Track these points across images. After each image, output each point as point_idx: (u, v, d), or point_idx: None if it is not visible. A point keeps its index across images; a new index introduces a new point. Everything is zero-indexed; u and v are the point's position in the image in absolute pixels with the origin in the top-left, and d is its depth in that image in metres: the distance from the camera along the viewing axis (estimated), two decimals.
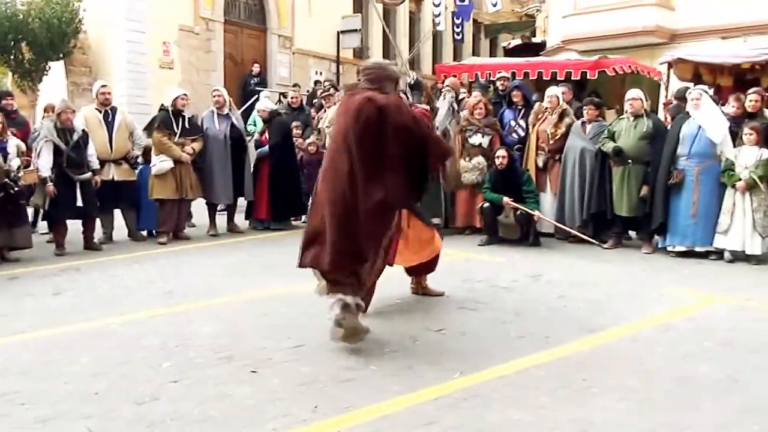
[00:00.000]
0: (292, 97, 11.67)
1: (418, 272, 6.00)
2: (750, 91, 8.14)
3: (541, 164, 8.98)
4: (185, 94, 9.18)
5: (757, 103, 7.91)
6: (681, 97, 9.48)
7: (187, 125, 8.95)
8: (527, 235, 8.42)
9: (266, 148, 9.56)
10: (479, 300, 5.93)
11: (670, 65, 11.52)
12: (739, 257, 7.51)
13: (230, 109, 9.58)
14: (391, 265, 5.41)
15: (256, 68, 17.59)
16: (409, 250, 5.67)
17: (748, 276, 6.96)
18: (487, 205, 8.51)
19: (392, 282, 5.93)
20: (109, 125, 8.69)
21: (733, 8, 16.35)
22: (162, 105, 9.11)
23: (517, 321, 5.30)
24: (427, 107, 7.17)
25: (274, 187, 9.57)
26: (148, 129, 9.03)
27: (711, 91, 8.82)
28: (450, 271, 7.13)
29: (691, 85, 10.77)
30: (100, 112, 8.77)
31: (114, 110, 8.85)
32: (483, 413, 3.62)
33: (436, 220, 9.25)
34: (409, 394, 3.87)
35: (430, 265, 5.96)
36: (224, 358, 4.47)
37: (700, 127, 7.64)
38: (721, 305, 5.84)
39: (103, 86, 9.09)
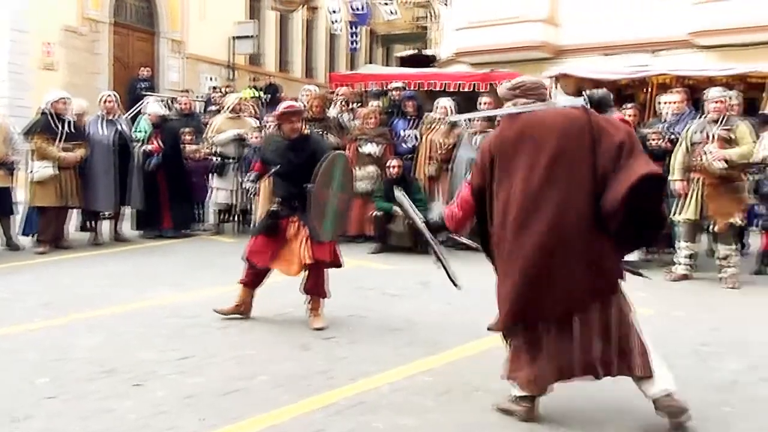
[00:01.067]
0: (183, 103, 11.41)
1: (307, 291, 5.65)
2: (627, 106, 8.59)
3: (432, 173, 9.15)
4: (68, 98, 8.78)
5: (634, 117, 8.35)
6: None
7: (72, 130, 8.57)
8: (418, 243, 8.54)
9: (158, 157, 9.26)
10: (370, 307, 5.99)
11: (555, 79, 12.01)
12: None
13: (116, 116, 9.24)
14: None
15: (145, 72, 17.06)
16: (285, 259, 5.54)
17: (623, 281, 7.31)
18: (379, 213, 8.60)
19: (282, 290, 5.91)
20: None
21: (613, 27, 17.24)
22: (41, 108, 8.66)
23: (406, 328, 5.38)
24: None
25: (172, 195, 9.37)
26: (28, 132, 8.53)
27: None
28: (341, 278, 7.14)
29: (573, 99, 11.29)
30: None
31: None
32: (371, 420, 3.65)
33: None
34: (298, 402, 3.86)
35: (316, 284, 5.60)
36: (106, 371, 4.31)
37: None
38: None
39: None
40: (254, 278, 5.66)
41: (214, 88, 17.00)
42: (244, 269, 5.63)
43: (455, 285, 4.27)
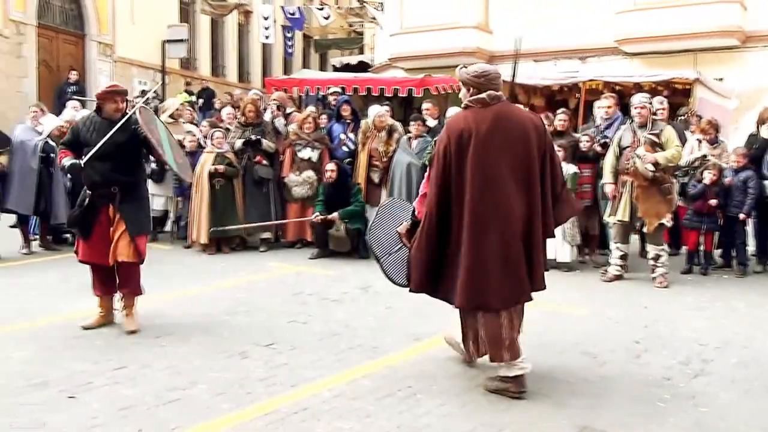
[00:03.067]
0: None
1: (126, 285, 5.48)
2: (559, 111, 8.79)
3: (377, 180, 9.15)
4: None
5: (565, 122, 8.55)
6: None
7: None
8: (357, 248, 8.57)
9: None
10: (310, 313, 5.96)
11: None
12: (551, 265, 8.03)
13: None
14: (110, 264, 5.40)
15: (73, 76, 16.61)
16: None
17: (559, 282, 7.45)
18: (318, 218, 8.57)
19: (215, 297, 5.83)
20: None
21: (544, 34, 17.60)
22: None
23: (346, 332, 5.37)
24: None
25: None
26: None
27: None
28: (281, 284, 7.13)
29: None
30: None
31: None
32: (312, 426, 3.64)
33: (266, 234, 9.26)
34: (237, 411, 3.82)
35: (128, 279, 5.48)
36: (38, 384, 4.19)
37: None
38: (534, 310, 6.21)
39: None
40: (103, 280, 5.47)
41: (143, 91, 16.67)
42: (91, 279, 5.52)
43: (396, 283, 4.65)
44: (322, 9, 22.15)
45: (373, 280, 7.20)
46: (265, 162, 9.13)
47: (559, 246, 7.95)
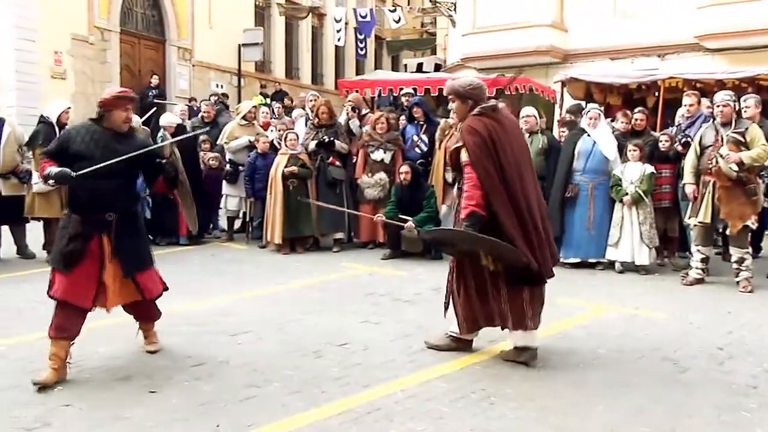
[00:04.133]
0: (204, 111, 11.42)
1: (139, 318, 4.96)
2: (636, 110, 8.57)
3: (450, 179, 9.10)
4: (69, 108, 8.77)
5: (642, 121, 8.34)
6: (574, 112, 9.90)
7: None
8: (429, 248, 8.55)
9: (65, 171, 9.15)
10: (382, 313, 5.98)
11: (563, 84, 11.99)
12: (629, 268, 7.87)
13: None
14: (107, 309, 4.65)
15: (154, 80, 17.15)
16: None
17: (637, 285, 7.29)
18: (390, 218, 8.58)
19: (289, 297, 5.90)
20: None
21: (621, 32, 17.22)
22: (42, 117, 8.60)
23: (419, 333, 5.36)
24: None
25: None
26: (30, 144, 8.46)
27: (602, 109, 9.24)
28: (354, 284, 7.18)
29: (583, 103, 11.28)
30: None
31: (1, 122, 8.40)
32: (385, 427, 3.65)
33: (339, 235, 9.34)
34: (312, 410, 3.86)
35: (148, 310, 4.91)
36: (121, 379, 4.33)
37: (594, 144, 7.99)
38: (612, 314, 6.10)
39: None
40: (71, 322, 4.39)
41: (212, 94, 17.04)
42: (53, 316, 4.41)
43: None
44: (394, 11, 22.24)
45: (445, 282, 7.17)
46: (338, 163, 9.22)
47: (637, 248, 7.77)
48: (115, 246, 4.45)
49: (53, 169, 4.31)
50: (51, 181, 4.39)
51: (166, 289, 4.90)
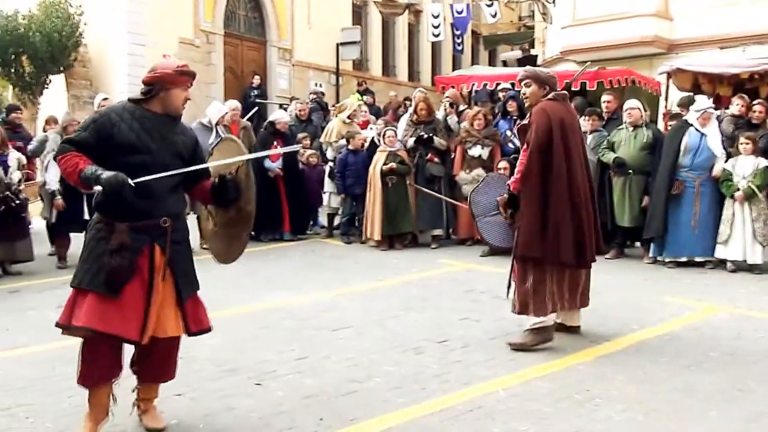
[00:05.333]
0: (299, 110, 11.67)
1: (147, 374, 3.69)
2: (755, 102, 8.17)
3: None
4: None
5: (761, 114, 7.94)
6: (685, 104, 9.49)
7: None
8: None
9: (279, 163, 9.52)
10: (482, 311, 5.93)
11: (669, 75, 11.55)
12: (741, 267, 7.51)
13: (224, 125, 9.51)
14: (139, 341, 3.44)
15: (256, 80, 17.61)
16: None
17: (751, 285, 6.95)
18: None
19: (387, 292, 5.93)
20: None
21: (731, 18, 16.40)
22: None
23: (520, 332, 5.28)
24: None
25: (294, 200, 9.67)
26: None
27: (711, 101, 8.84)
28: (452, 281, 7.16)
29: (691, 94, 10.81)
30: None
31: None
32: (488, 425, 3.62)
33: (437, 231, 9.33)
34: (413, 406, 3.88)
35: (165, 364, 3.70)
36: (228, 370, 4.47)
37: (702, 138, 7.65)
38: (724, 314, 5.84)
39: (105, 99, 9.11)
40: (113, 362, 3.49)
41: (313, 92, 17.36)
42: (85, 358, 3.42)
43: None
44: (491, 5, 21.98)
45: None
46: (436, 160, 9.20)
47: (750, 246, 7.41)
48: (172, 262, 3.51)
49: (101, 172, 3.25)
50: (97, 189, 3.27)
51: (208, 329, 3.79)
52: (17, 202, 7.58)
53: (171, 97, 3.52)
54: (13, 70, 15.25)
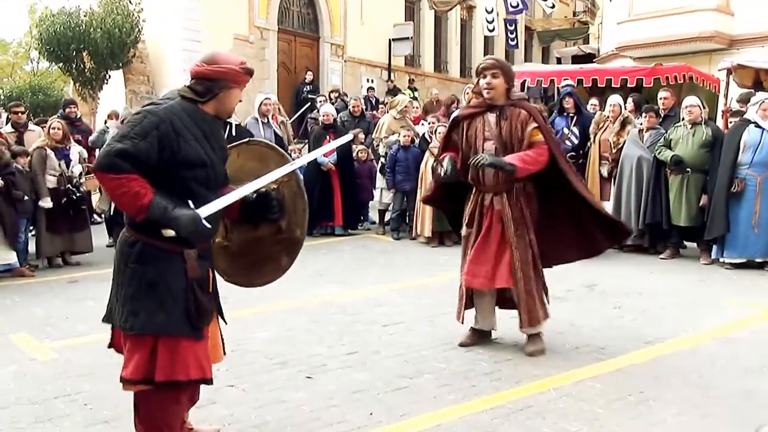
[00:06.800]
0: (353, 105, 11.74)
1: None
2: None
3: (606, 174, 8.81)
4: (268, 98, 9.50)
5: None
6: (746, 101, 9.24)
7: (234, 133, 8.96)
8: None
9: (332, 158, 9.60)
10: None
11: (729, 72, 11.26)
12: None
13: (269, 118, 9.62)
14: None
15: (309, 76, 17.75)
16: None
17: None
18: None
19: (437, 289, 5.92)
20: None
21: None
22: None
23: (572, 331, 5.23)
24: None
25: (346, 195, 9.75)
26: None
27: None
28: None
29: (752, 91, 10.52)
30: None
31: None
32: (538, 425, 3.59)
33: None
34: (463, 403, 3.87)
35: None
36: (279, 363, 4.53)
37: (763, 134, 7.44)
38: None
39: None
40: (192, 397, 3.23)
41: (369, 89, 17.39)
42: (162, 405, 3.04)
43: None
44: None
45: (599, 279, 6.97)
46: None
47: None
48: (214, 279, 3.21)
49: (175, 214, 2.76)
50: (170, 233, 2.79)
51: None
52: (78, 194, 7.80)
53: (229, 98, 3.05)
54: (74, 66, 15.65)
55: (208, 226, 2.86)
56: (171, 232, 2.79)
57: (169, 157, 2.82)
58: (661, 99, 8.91)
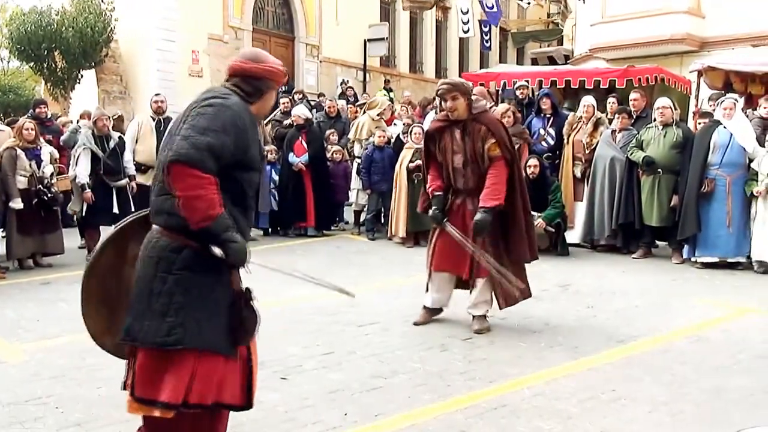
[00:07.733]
0: (328, 106, 11.70)
1: None
2: None
3: (579, 174, 8.88)
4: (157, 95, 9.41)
5: None
6: (715, 99, 9.35)
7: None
8: (556, 244, 8.38)
9: (304, 157, 9.57)
10: (508, 309, 5.89)
11: (700, 73, 11.40)
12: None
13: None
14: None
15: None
16: None
17: None
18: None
19: (419, 289, 5.91)
20: (160, 134, 8.74)
21: (764, 16, 16.16)
22: None
23: (546, 331, 5.28)
24: None
25: (319, 195, 9.70)
26: None
27: (742, 100, 8.71)
28: None
29: (723, 92, 10.67)
30: (154, 120, 8.94)
31: (168, 120, 8.87)
32: (512, 423, 3.61)
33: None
34: (438, 402, 3.88)
35: None
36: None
37: (731, 136, 7.55)
38: (754, 316, 5.76)
39: (157, 95, 9.35)
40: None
41: (342, 82, 17.32)
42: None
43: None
44: None
45: (573, 279, 7.03)
46: None
47: None
48: None
49: (233, 237, 2.64)
50: (217, 252, 2.63)
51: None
52: (49, 195, 7.70)
53: (270, 99, 2.89)
54: (45, 66, 15.47)
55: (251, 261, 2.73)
56: (219, 252, 2.62)
57: (240, 156, 2.64)
58: (631, 100, 9.01)
